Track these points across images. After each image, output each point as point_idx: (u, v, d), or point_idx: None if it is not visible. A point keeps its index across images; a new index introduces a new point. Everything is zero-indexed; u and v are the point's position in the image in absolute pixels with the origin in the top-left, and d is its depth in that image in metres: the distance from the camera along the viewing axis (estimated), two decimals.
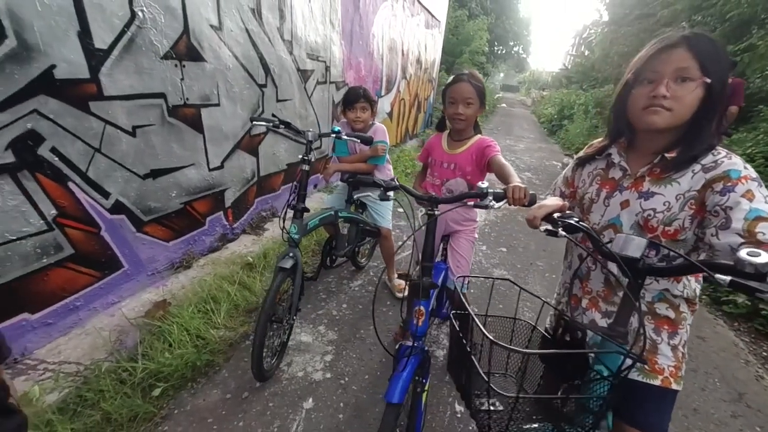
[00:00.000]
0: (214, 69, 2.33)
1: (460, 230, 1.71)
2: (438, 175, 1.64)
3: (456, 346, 0.94)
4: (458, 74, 1.51)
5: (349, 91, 2.13)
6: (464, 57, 16.03)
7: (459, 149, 1.57)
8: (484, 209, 1.13)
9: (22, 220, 1.54)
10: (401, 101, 6.73)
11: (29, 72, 1.45)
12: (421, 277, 1.26)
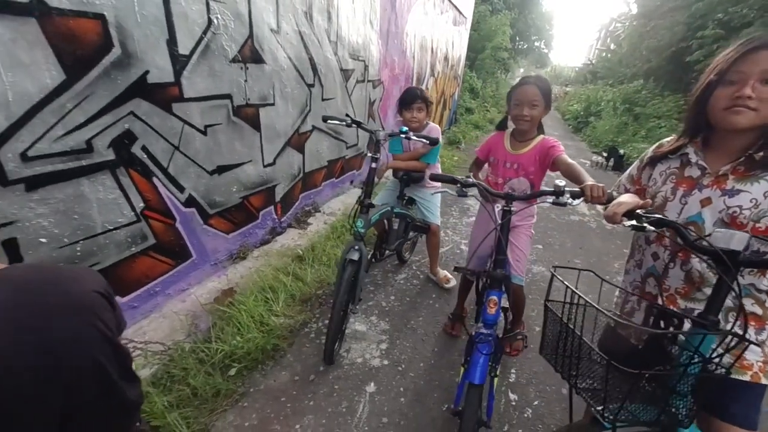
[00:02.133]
0: (272, 70, 2.45)
1: (519, 225, 1.78)
2: (500, 174, 1.70)
3: (553, 330, 1.01)
4: (524, 77, 1.58)
5: (406, 92, 2.22)
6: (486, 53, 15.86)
7: (522, 149, 1.64)
8: (562, 206, 1.20)
9: (118, 211, 1.69)
10: None
11: (129, 77, 1.59)
12: (494, 268, 1.33)
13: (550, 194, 1.21)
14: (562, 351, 0.99)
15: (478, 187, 1.35)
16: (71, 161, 1.46)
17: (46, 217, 1.42)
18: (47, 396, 0.94)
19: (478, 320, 2.06)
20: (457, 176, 1.37)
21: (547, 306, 1.09)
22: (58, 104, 1.37)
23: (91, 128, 1.50)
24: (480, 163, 1.90)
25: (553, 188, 1.19)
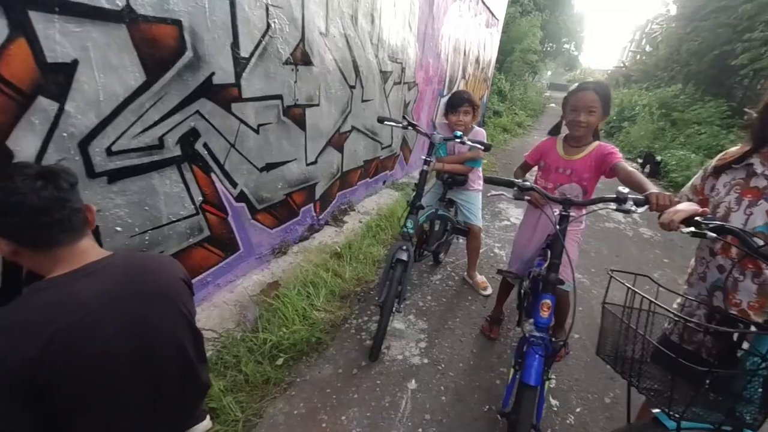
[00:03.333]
0: (319, 72, 2.53)
1: (568, 231, 1.77)
2: (552, 179, 1.70)
3: (612, 332, 1.02)
4: (583, 83, 1.57)
5: (453, 95, 2.25)
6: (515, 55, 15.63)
7: (577, 155, 1.63)
8: (625, 213, 1.20)
9: (180, 204, 1.80)
10: None
11: (197, 79, 1.69)
12: (549, 272, 1.34)
13: (612, 201, 1.21)
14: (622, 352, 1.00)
15: (535, 191, 1.36)
16: (145, 156, 1.57)
17: (122, 207, 1.53)
18: (140, 377, 1.02)
19: (519, 324, 2.07)
20: (514, 179, 1.38)
21: (605, 308, 1.10)
22: (138, 104, 1.48)
23: (163, 126, 1.61)
24: (527, 168, 1.91)
25: (616, 195, 1.19)
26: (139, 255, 1.11)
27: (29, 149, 1.19)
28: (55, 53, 1.19)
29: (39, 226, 0.86)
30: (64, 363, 0.84)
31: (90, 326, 0.88)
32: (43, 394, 0.82)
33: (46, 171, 0.88)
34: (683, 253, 3.73)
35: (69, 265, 0.92)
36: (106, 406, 0.95)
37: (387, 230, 3.33)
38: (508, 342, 2.22)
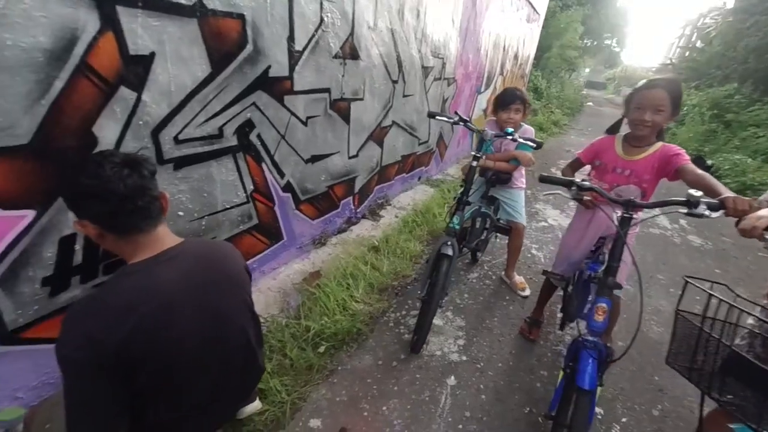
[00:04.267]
0: (365, 66, 2.55)
1: None
2: (608, 179, 1.64)
3: (687, 340, 0.98)
4: (652, 79, 1.50)
5: (504, 92, 2.21)
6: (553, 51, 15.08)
7: (638, 156, 1.56)
8: (697, 218, 1.14)
9: (234, 192, 1.87)
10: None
11: (255, 71, 1.75)
12: (606, 276, 1.30)
13: (682, 205, 1.15)
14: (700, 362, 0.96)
15: (596, 191, 1.31)
16: (207, 145, 1.64)
17: (184, 193, 1.62)
18: (211, 360, 1.08)
19: (562, 327, 2.02)
20: (574, 179, 1.34)
21: (679, 315, 1.05)
22: (203, 95, 1.55)
23: (223, 116, 1.67)
24: (578, 166, 1.85)
25: (687, 198, 1.13)
26: (207, 242, 1.17)
27: (110, 136, 1.27)
28: (136, 46, 1.26)
29: (123, 213, 0.91)
30: (148, 345, 0.90)
31: (170, 312, 0.94)
32: (128, 373, 0.89)
33: (130, 159, 0.94)
34: (738, 264, 3.50)
35: (149, 250, 0.98)
36: (181, 386, 1.02)
37: (423, 226, 3.32)
38: (548, 345, 2.17)
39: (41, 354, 1.28)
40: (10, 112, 1.02)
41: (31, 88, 1.04)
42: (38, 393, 1.31)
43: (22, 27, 0.99)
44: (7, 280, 1.14)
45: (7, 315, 1.17)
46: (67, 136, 1.16)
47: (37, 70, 1.05)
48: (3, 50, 0.97)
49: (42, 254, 1.20)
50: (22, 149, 1.07)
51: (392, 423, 1.61)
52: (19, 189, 1.09)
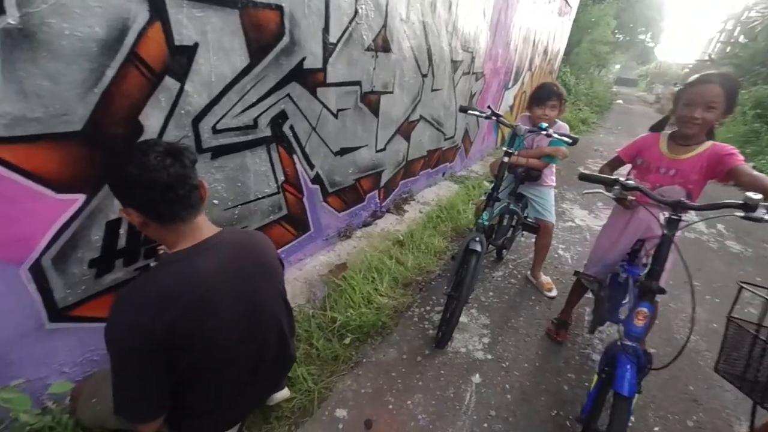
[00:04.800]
0: (396, 59, 2.53)
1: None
2: (650, 179, 1.57)
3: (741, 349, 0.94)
4: (705, 74, 1.41)
5: (541, 87, 2.14)
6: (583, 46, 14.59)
7: (685, 155, 1.49)
8: (755, 222, 1.08)
9: (266, 183, 1.90)
10: (522, 94, 6.44)
11: (291, 63, 1.76)
12: (649, 279, 1.25)
13: (739, 208, 1.09)
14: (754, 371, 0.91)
15: (641, 191, 1.26)
16: (242, 135, 1.67)
17: (220, 182, 1.65)
18: (248, 348, 1.11)
19: (593, 329, 1.97)
20: (618, 178, 1.29)
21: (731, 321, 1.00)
22: (241, 85, 1.57)
23: (259, 107, 1.70)
24: (616, 165, 1.77)
25: (744, 200, 1.07)
26: (242, 232, 1.19)
27: (155, 125, 1.31)
28: (181, 36, 1.29)
29: (165, 202, 0.93)
30: (190, 333, 0.93)
31: (211, 301, 0.97)
32: (170, 359, 0.92)
33: (173, 149, 0.95)
34: None
35: (189, 239, 1.00)
36: (218, 374, 1.05)
37: (447, 222, 3.29)
38: (576, 348, 2.12)
39: (86, 332, 1.34)
40: (65, 100, 1.06)
41: (85, 76, 1.08)
42: (83, 369, 1.37)
43: (80, 17, 1.02)
44: (59, 261, 1.19)
45: (58, 293, 1.22)
46: (115, 124, 1.20)
47: (91, 59, 1.08)
48: (61, 39, 1.00)
49: (90, 237, 1.25)
50: (75, 136, 1.11)
51: (417, 417, 1.61)
52: (71, 174, 1.14)
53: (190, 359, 0.96)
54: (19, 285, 1.12)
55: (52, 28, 0.98)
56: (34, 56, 0.97)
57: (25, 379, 1.21)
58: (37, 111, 1.01)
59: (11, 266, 1.09)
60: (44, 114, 1.03)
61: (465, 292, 1.76)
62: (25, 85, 0.97)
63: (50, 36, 0.98)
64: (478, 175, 4.74)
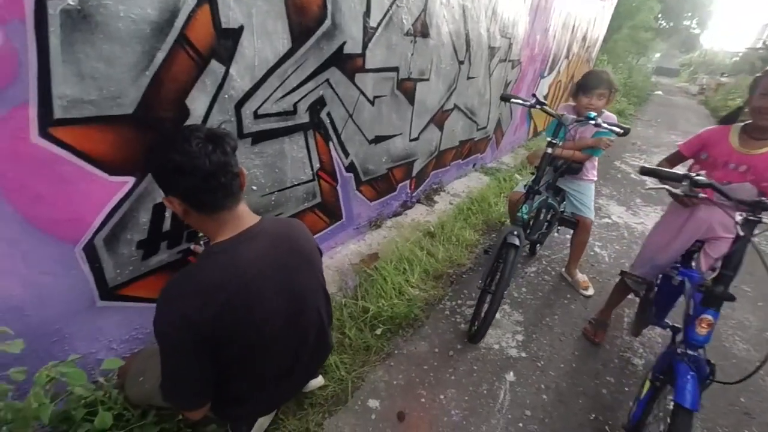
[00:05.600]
0: (434, 45, 2.44)
1: (723, 238, 1.52)
2: (717, 176, 1.44)
3: None
4: None
5: (589, 75, 2.02)
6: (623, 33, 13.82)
7: (760, 150, 1.36)
8: None
9: (302, 169, 1.89)
10: (558, 83, 6.16)
11: (331, 47, 1.72)
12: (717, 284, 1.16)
13: None
14: None
15: (714, 188, 1.15)
16: (282, 121, 1.65)
17: (259, 168, 1.65)
18: (290, 337, 1.10)
19: (637, 334, 1.87)
20: (689, 173, 1.19)
21: None
22: (282, 70, 1.54)
23: (299, 93, 1.67)
24: (676, 161, 1.65)
25: None
26: (282, 221, 1.17)
27: (200, 109, 1.31)
28: (228, 19, 1.27)
29: (207, 190, 0.91)
30: (234, 325, 0.92)
31: (255, 291, 0.96)
32: (215, 349, 0.92)
33: (213, 134, 0.92)
34: None
35: (231, 229, 0.98)
36: (261, 363, 1.05)
37: (478, 215, 3.21)
38: (614, 350, 2.03)
39: (133, 311, 1.38)
40: (119, 82, 1.06)
41: (137, 59, 1.08)
42: (129, 346, 1.42)
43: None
44: (110, 241, 1.22)
45: (108, 273, 1.26)
46: (164, 108, 1.20)
47: (143, 42, 1.08)
48: (117, 21, 1.00)
49: (138, 219, 1.27)
50: (127, 119, 1.12)
51: (449, 412, 1.59)
52: (123, 157, 1.15)
53: (235, 349, 0.96)
54: (74, 264, 1.15)
55: (109, 10, 0.97)
56: (92, 38, 0.97)
57: (78, 353, 1.26)
58: (93, 93, 1.02)
59: (68, 245, 1.12)
60: (99, 96, 1.04)
61: (502, 288, 1.70)
62: (82, 67, 0.98)
63: (106, 17, 0.98)
64: (509, 168, 4.60)
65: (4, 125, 0.90)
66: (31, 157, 0.96)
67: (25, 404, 0.94)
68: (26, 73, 0.90)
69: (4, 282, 1.02)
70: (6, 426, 0.96)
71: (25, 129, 0.93)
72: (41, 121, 0.95)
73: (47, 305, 1.13)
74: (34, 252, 1.05)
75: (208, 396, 0.98)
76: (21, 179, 0.96)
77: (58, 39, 0.92)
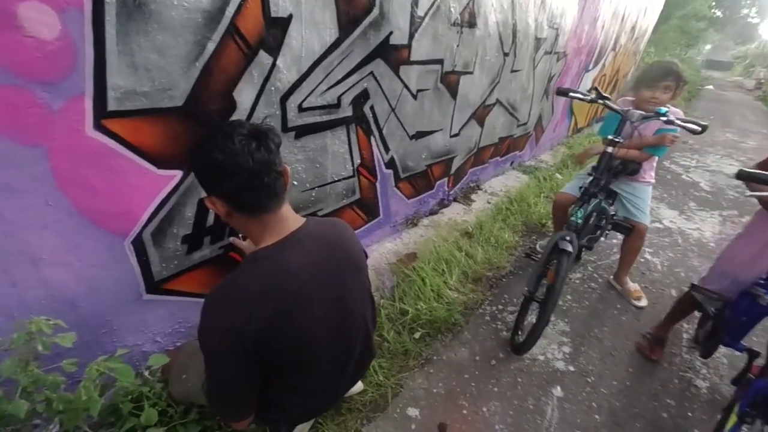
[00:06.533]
0: (480, 36, 2.32)
1: None
2: None
3: None
4: None
5: (654, 65, 1.85)
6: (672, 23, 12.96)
7: None
8: None
9: (343, 165, 1.83)
10: (603, 77, 5.81)
11: (378, 38, 1.64)
12: None
13: None
14: None
15: None
16: (326, 115, 1.60)
17: (301, 162, 1.60)
18: (336, 346, 1.05)
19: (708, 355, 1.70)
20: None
21: None
22: (328, 61, 1.49)
23: (343, 85, 1.61)
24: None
25: None
26: (327, 222, 1.10)
27: (247, 102, 1.27)
28: (277, 7, 1.22)
29: (250, 191, 0.85)
30: (281, 334, 0.87)
31: (302, 301, 0.90)
32: (261, 359, 0.87)
33: (256, 131, 0.86)
34: None
35: (276, 232, 0.92)
36: (306, 372, 1.00)
37: (517, 215, 3.07)
38: (674, 369, 1.86)
39: (176, 305, 1.38)
40: (171, 73, 1.03)
41: (189, 49, 1.05)
42: (172, 339, 1.42)
43: None
44: (157, 235, 1.21)
45: (154, 267, 1.25)
46: (212, 100, 1.17)
47: (195, 31, 1.04)
48: (170, 10, 0.97)
49: (184, 213, 1.26)
50: (177, 111, 1.09)
51: (494, 427, 1.50)
52: (171, 150, 1.13)
53: (280, 360, 0.91)
54: (124, 257, 1.15)
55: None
56: (146, 28, 0.94)
57: (124, 345, 1.27)
58: (146, 85, 1.00)
59: (118, 239, 1.11)
60: (151, 88, 1.01)
61: (553, 299, 1.58)
62: (136, 58, 0.95)
63: (160, 6, 0.94)
64: (548, 166, 4.38)
65: (61, 118, 0.88)
66: (86, 149, 0.95)
67: (76, 396, 0.94)
68: (83, 63, 0.88)
69: (60, 275, 1.02)
70: (58, 416, 0.96)
71: (81, 121, 0.92)
72: (96, 113, 0.94)
73: (98, 298, 1.14)
74: (87, 245, 1.05)
75: (254, 406, 0.95)
76: (76, 172, 0.95)
77: (114, 29, 0.89)
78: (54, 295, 1.04)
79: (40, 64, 0.82)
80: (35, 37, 0.80)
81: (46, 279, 1.01)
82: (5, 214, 0.88)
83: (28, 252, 0.95)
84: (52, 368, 0.94)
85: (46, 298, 1.02)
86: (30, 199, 0.91)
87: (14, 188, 0.88)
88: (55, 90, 0.86)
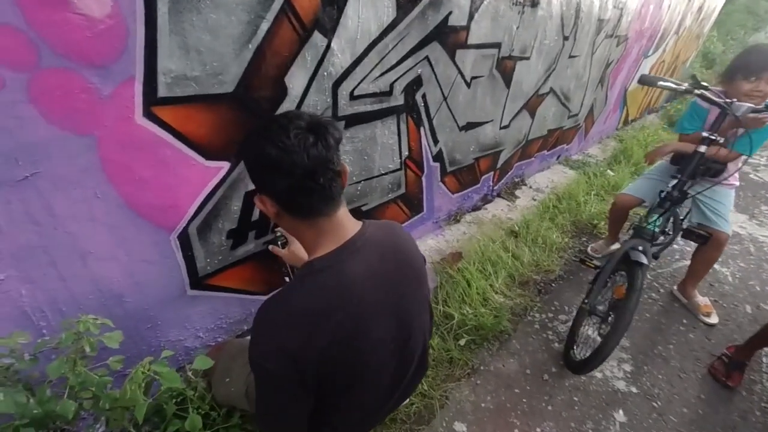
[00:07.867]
0: (541, 17, 2.10)
1: None
2: None
3: None
4: None
5: (753, 52, 1.59)
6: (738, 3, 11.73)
7: None
8: None
9: (390, 157, 1.71)
10: (661, 63, 5.31)
11: (436, 18, 1.49)
12: None
13: None
14: None
15: None
16: (377, 103, 1.48)
17: (349, 154, 1.50)
18: (395, 363, 0.94)
19: None
20: None
21: None
22: (383, 44, 1.36)
23: (397, 71, 1.48)
24: None
25: None
26: (385, 226, 0.96)
27: (298, 88, 1.17)
28: None
29: (302, 192, 0.74)
30: (341, 357, 0.77)
31: (364, 319, 0.79)
32: (320, 380, 0.78)
33: (315, 123, 0.74)
34: None
35: (332, 240, 0.81)
36: (362, 392, 0.90)
37: (565, 214, 2.85)
38: (754, 399, 1.65)
39: (218, 300, 1.33)
40: (222, 56, 0.94)
41: (242, 29, 0.95)
42: (213, 335, 1.38)
43: None
44: (203, 230, 1.15)
45: (199, 262, 1.20)
46: (263, 86, 1.08)
47: (248, 10, 0.95)
48: None
49: (230, 207, 1.19)
50: (227, 98, 1.01)
51: None
52: (219, 140, 1.05)
53: (338, 382, 0.82)
54: (170, 252, 1.10)
55: None
56: (198, 5, 0.85)
57: (168, 340, 1.24)
58: (197, 69, 0.91)
59: (164, 233, 1.06)
60: (202, 72, 0.93)
61: (626, 318, 1.41)
62: (188, 39, 0.86)
63: None
64: (598, 161, 4.07)
65: (111, 104, 0.81)
66: (135, 139, 0.88)
67: (121, 394, 0.90)
68: (134, 44, 0.80)
69: (107, 269, 0.98)
70: (104, 414, 0.94)
71: (130, 108, 0.85)
72: (145, 99, 0.86)
73: (144, 292, 1.09)
74: (134, 239, 1.00)
75: (304, 427, 0.87)
76: (125, 163, 0.89)
77: (166, 5, 0.81)
78: (102, 290, 1.00)
79: (90, 44, 0.74)
80: (85, 15, 0.72)
81: (94, 273, 0.96)
82: (55, 208, 0.83)
83: (77, 246, 0.91)
84: (98, 365, 0.90)
85: (93, 293, 0.98)
86: (79, 191, 0.85)
87: (64, 180, 0.82)
88: (105, 74, 0.79)
